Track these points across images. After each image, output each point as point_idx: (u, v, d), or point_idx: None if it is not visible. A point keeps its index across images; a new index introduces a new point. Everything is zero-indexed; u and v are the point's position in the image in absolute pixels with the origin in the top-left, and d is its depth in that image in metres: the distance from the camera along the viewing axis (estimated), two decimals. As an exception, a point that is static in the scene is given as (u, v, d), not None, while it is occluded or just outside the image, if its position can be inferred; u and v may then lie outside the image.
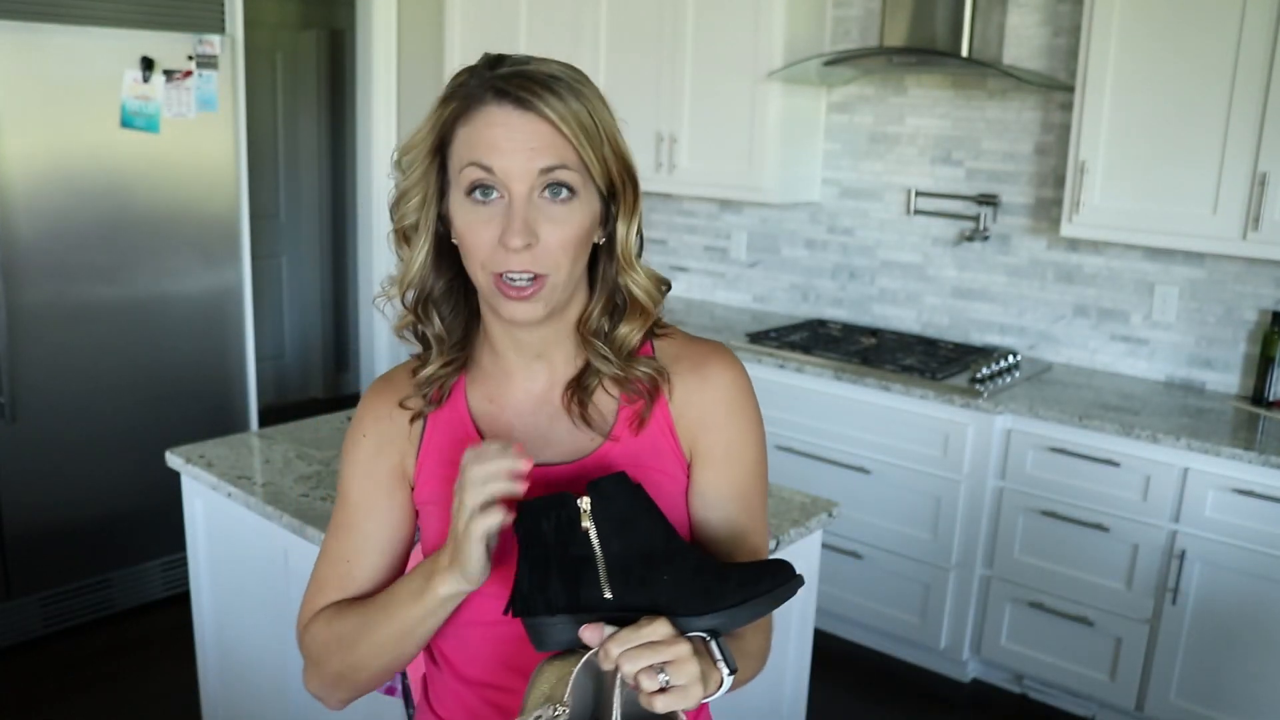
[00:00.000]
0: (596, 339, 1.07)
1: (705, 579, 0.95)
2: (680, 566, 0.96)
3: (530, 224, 0.96)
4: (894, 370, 3.05)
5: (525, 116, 0.95)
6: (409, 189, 1.02)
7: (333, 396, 5.54)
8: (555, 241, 0.98)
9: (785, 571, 0.97)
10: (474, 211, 0.98)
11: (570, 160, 0.97)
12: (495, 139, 0.95)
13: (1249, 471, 2.50)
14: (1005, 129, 3.28)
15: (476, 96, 0.97)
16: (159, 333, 3.26)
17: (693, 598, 0.94)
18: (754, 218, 3.88)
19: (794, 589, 0.96)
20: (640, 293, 1.06)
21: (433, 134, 1.00)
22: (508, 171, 0.95)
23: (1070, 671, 2.84)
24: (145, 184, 3.17)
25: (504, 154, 0.95)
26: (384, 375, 1.18)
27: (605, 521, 0.96)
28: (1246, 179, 2.62)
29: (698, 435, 1.10)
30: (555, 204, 0.97)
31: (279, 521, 1.90)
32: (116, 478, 3.21)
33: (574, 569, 0.95)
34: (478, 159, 0.96)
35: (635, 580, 0.95)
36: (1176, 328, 3.06)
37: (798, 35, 3.41)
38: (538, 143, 0.95)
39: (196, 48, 3.18)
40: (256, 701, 2.19)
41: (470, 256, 1.00)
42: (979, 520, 2.91)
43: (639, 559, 0.96)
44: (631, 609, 0.94)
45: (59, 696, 2.84)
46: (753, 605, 0.94)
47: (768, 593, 0.95)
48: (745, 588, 0.95)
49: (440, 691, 1.18)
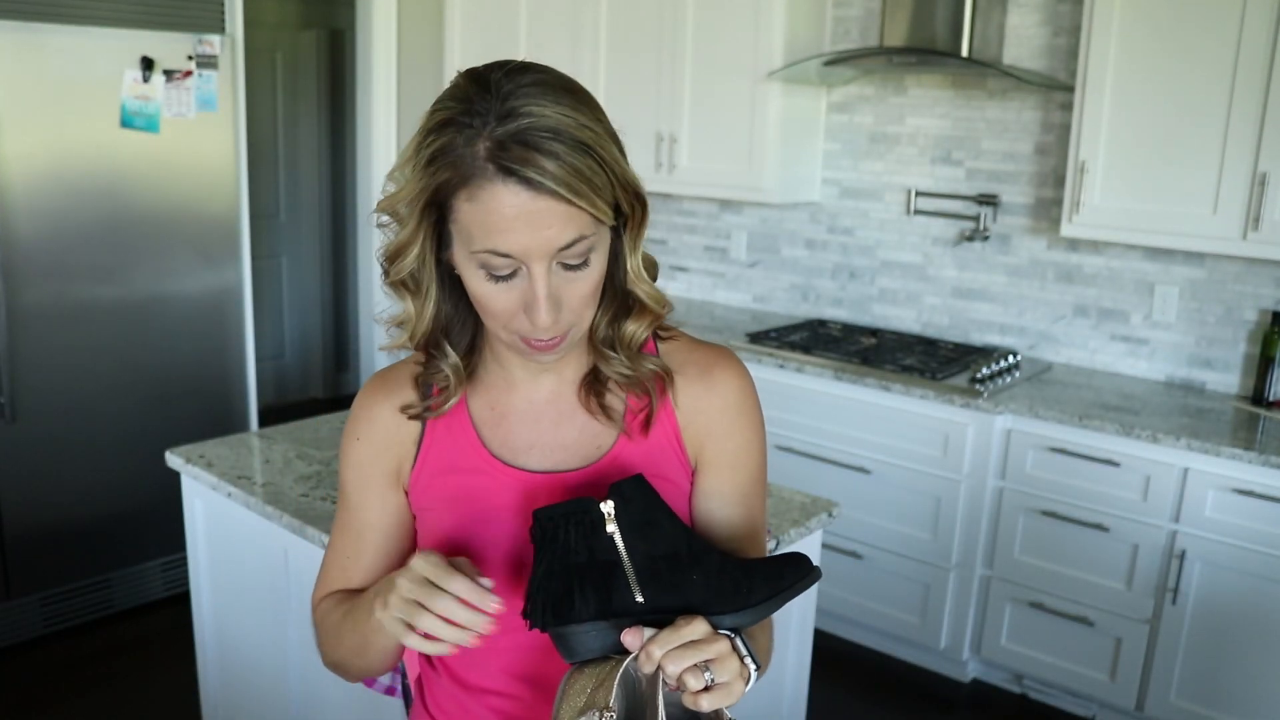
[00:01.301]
0: (604, 345, 1.07)
1: (732, 576, 0.97)
2: (707, 566, 0.97)
3: (555, 297, 0.94)
4: (894, 370, 3.05)
5: (536, 198, 0.89)
6: (404, 244, 0.97)
7: (333, 396, 5.54)
8: (577, 301, 0.97)
9: (804, 564, 0.99)
10: (491, 284, 0.95)
11: (585, 228, 0.93)
12: (509, 226, 0.90)
13: (1249, 471, 2.50)
14: (1005, 129, 3.28)
15: (479, 171, 0.89)
16: (159, 333, 3.26)
17: (723, 596, 0.95)
18: (754, 218, 3.88)
19: (813, 580, 0.99)
20: (648, 300, 1.05)
21: (425, 195, 0.93)
22: (527, 253, 0.92)
23: (1070, 671, 2.83)
24: (145, 184, 3.16)
25: (520, 237, 0.90)
26: (380, 374, 1.15)
27: (629, 525, 0.96)
28: (1246, 179, 2.62)
29: (704, 441, 1.10)
30: (572, 270, 0.95)
31: (279, 521, 1.90)
32: (116, 478, 3.21)
33: (603, 574, 0.95)
34: (494, 247, 0.91)
35: (665, 582, 0.95)
36: (1176, 328, 3.06)
37: (798, 35, 3.41)
38: (553, 222, 0.90)
39: (196, 48, 3.18)
40: (256, 701, 2.19)
41: (489, 316, 0.98)
42: (979, 520, 2.91)
43: (665, 561, 0.96)
44: (665, 610, 0.94)
45: (59, 696, 2.84)
46: (779, 599, 0.97)
47: (790, 586, 0.97)
48: (770, 582, 0.97)
49: (438, 697, 1.17)
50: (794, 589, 0.98)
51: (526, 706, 1.10)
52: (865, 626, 3.23)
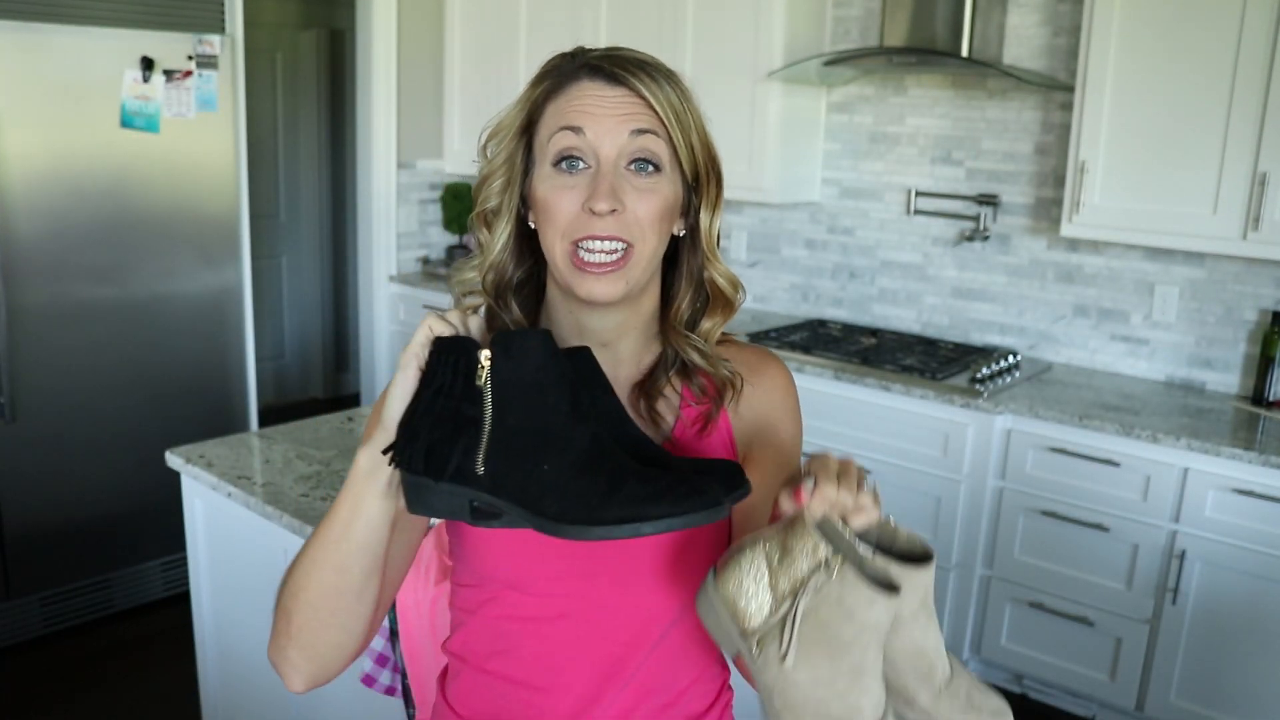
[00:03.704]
0: (688, 331, 1.06)
1: (593, 481, 0.79)
2: (570, 458, 0.80)
3: (617, 190, 0.96)
4: (894, 370, 3.05)
5: (618, 90, 0.97)
6: (492, 171, 1.02)
7: (333, 396, 5.54)
8: (642, 211, 0.97)
9: (710, 491, 0.79)
10: (559, 179, 0.97)
11: (659, 131, 0.97)
12: (586, 105, 0.96)
13: (1249, 471, 2.50)
14: (1005, 129, 3.28)
15: (569, 75, 0.98)
16: (159, 333, 3.26)
17: (568, 498, 0.78)
18: (754, 218, 3.88)
19: (714, 515, 0.79)
20: (725, 284, 1.06)
21: (522, 113, 1.00)
22: (598, 134, 0.95)
23: (1070, 671, 2.83)
24: (145, 184, 3.16)
25: (595, 118, 0.96)
26: None
27: (507, 385, 0.82)
28: (1246, 179, 2.62)
29: (753, 439, 1.09)
30: (642, 176, 0.98)
31: (279, 521, 1.90)
32: (116, 478, 3.21)
33: (456, 427, 0.82)
34: (568, 123, 0.96)
35: (514, 460, 0.80)
36: (1176, 328, 3.06)
37: (798, 35, 3.41)
38: (629, 109, 0.96)
39: (196, 48, 3.18)
40: (256, 701, 2.19)
41: (551, 225, 0.98)
42: (979, 520, 2.91)
43: (530, 435, 0.81)
44: (500, 493, 0.81)
45: (59, 696, 2.84)
46: (635, 527, 0.77)
47: (660, 518, 0.77)
48: (634, 505, 0.77)
49: (463, 690, 1.11)
50: (661, 522, 0.77)
51: (556, 698, 1.06)
52: (865, 626, 3.23)
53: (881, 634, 0.83)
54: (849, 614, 0.81)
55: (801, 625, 0.83)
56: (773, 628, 0.84)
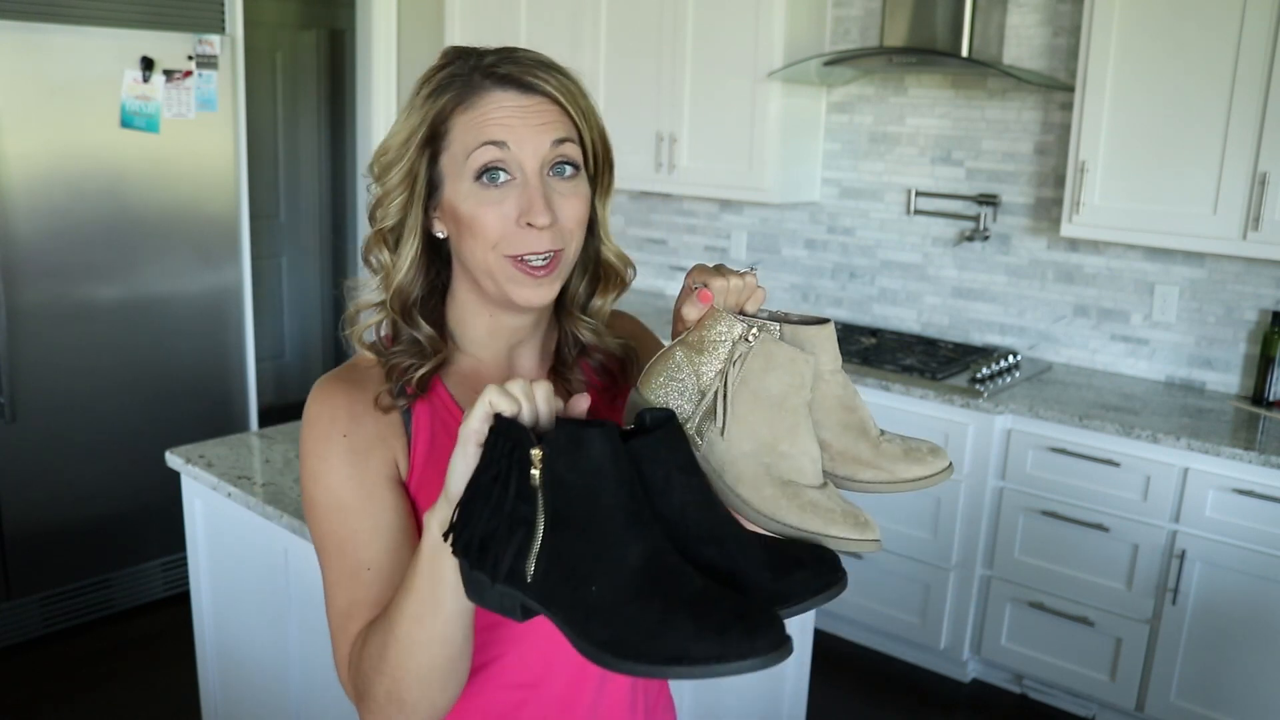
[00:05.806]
0: (580, 312, 1.09)
1: (644, 608, 0.73)
2: (620, 581, 0.74)
3: (549, 201, 0.97)
4: (894, 370, 3.05)
5: (532, 98, 0.97)
6: (390, 190, 1.00)
7: (333, 396, 5.53)
8: (569, 215, 0.99)
9: (774, 630, 0.71)
10: (485, 193, 0.97)
11: (573, 135, 0.99)
12: (504, 118, 0.96)
13: (1249, 471, 2.50)
14: (1005, 129, 3.28)
15: (475, 85, 0.97)
16: (159, 333, 3.26)
17: (610, 627, 0.73)
18: (754, 218, 3.88)
19: (770, 661, 0.71)
20: (616, 261, 1.09)
21: (424, 126, 0.97)
22: (521, 147, 0.96)
23: (1070, 671, 2.83)
24: (145, 184, 3.16)
25: (514, 130, 0.96)
26: (335, 376, 1.06)
27: (560, 486, 0.76)
28: (1246, 179, 2.62)
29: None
30: (564, 181, 0.99)
31: (279, 521, 1.90)
32: (116, 478, 3.21)
33: (510, 524, 0.78)
34: (490, 137, 0.95)
35: (566, 573, 0.75)
36: (1176, 328, 3.06)
37: (798, 35, 3.41)
38: (547, 118, 0.97)
39: (196, 48, 3.18)
40: (256, 701, 2.19)
41: (479, 240, 0.97)
42: (979, 520, 2.91)
43: (586, 547, 0.75)
44: (550, 605, 0.76)
45: (59, 696, 2.84)
46: (686, 670, 0.70)
47: (710, 662, 0.70)
48: (684, 643, 0.71)
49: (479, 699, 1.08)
50: (735, 663, 0.70)
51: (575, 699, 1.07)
52: (865, 626, 3.23)
53: (806, 391, 0.92)
54: (776, 372, 0.90)
55: (735, 397, 0.90)
56: (707, 411, 0.91)
